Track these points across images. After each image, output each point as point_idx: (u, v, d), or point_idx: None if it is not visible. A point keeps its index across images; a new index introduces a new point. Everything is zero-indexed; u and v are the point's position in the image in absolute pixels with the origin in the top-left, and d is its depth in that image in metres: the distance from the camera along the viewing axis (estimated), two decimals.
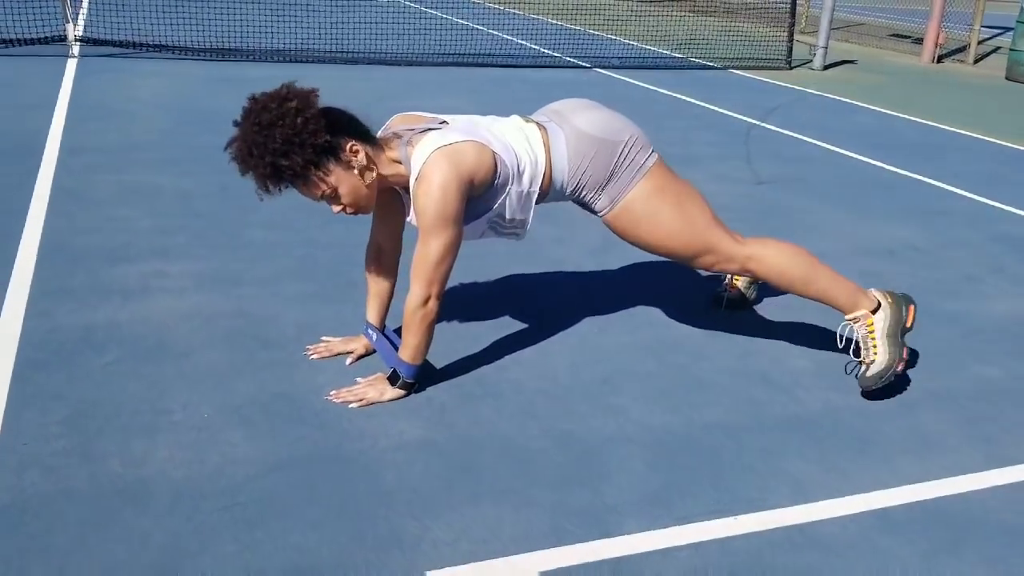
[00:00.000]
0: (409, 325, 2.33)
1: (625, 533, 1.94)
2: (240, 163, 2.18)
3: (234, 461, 2.10)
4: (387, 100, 6.52)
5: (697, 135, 6.06)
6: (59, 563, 1.74)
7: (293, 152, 2.14)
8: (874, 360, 2.51)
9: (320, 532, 1.88)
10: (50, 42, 7.79)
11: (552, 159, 2.41)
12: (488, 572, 1.79)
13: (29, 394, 2.33)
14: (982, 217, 4.54)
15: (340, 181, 2.24)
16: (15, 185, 4.01)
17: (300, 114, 2.14)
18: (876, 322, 2.53)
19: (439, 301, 2.32)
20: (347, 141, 2.23)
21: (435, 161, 2.22)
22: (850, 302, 2.55)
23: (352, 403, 2.34)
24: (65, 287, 2.99)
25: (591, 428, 2.35)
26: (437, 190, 2.21)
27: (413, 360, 2.37)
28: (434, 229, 2.23)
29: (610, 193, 2.45)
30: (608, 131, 2.44)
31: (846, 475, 2.21)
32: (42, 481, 1.98)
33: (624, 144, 2.44)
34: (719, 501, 2.07)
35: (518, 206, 2.42)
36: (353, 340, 2.66)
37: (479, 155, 2.27)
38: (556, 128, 2.44)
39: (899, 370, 2.50)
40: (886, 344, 2.51)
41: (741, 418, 2.45)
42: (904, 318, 2.56)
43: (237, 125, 2.19)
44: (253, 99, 2.19)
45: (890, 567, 1.88)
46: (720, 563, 1.86)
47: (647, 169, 2.46)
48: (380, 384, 2.40)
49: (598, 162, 2.42)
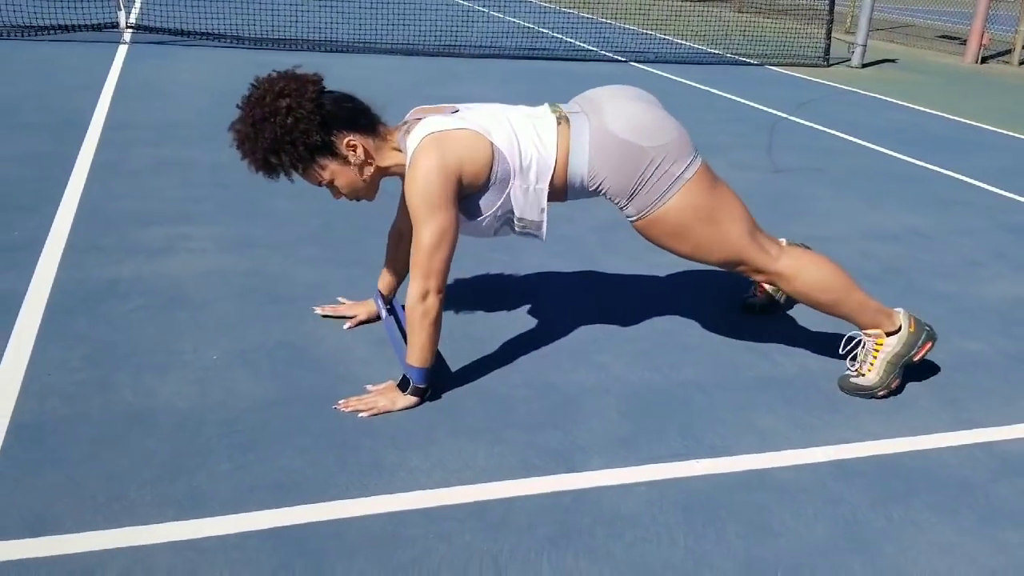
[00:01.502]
0: (412, 324, 2.21)
1: (589, 470, 2.07)
2: (237, 148, 2.20)
3: (235, 396, 2.28)
4: (423, 87, 6.71)
5: (723, 126, 6.15)
6: (71, 472, 1.92)
7: (282, 151, 2.15)
8: (864, 376, 2.49)
9: (307, 457, 2.04)
10: (103, 29, 8.12)
11: (570, 156, 2.27)
12: (457, 496, 1.94)
13: (56, 334, 2.53)
14: (996, 208, 4.57)
15: (336, 175, 2.24)
16: (59, 155, 4.26)
17: (291, 113, 2.12)
18: (886, 344, 2.47)
19: (440, 296, 2.20)
20: (344, 137, 2.21)
21: (424, 147, 2.17)
22: (871, 322, 2.47)
23: (362, 412, 2.22)
24: (96, 245, 3.20)
25: (571, 381, 2.48)
26: (421, 175, 2.14)
27: (421, 363, 2.23)
28: (423, 215, 2.15)
29: (638, 204, 2.30)
30: (640, 134, 2.25)
31: (811, 429, 2.32)
32: (61, 406, 2.18)
33: (656, 151, 2.25)
34: (684, 447, 2.20)
35: (525, 203, 2.29)
36: (361, 304, 2.73)
37: (472, 142, 2.19)
38: (583, 121, 2.28)
39: (879, 395, 2.48)
40: (883, 368, 2.46)
41: (718, 377, 2.57)
42: (915, 351, 2.47)
43: (239, 108, 2.19)
44: (254, 85, 2.19)
45: (839, 509, 1.99)
46: (675, 498, 1.99)
47: (684, 181, 2.28)
48: (391, 392, 2.27)
49: (622, 168, 2.26)
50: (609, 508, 1.94)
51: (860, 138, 6.08)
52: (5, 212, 3.46)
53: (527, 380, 2.47)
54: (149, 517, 1.80)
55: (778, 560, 1.81)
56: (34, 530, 1.74)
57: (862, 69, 9.74)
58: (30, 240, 3.19)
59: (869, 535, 1.92)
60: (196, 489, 1.90)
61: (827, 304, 2.44)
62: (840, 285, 2.43)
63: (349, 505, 1.88)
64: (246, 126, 2.16)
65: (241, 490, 1.91)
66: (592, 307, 2.99)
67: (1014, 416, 2.46)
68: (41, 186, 3.79)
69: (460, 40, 9.30)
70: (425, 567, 1.72)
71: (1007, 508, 2.05)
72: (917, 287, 3.37)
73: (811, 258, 2.46)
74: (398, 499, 1.92)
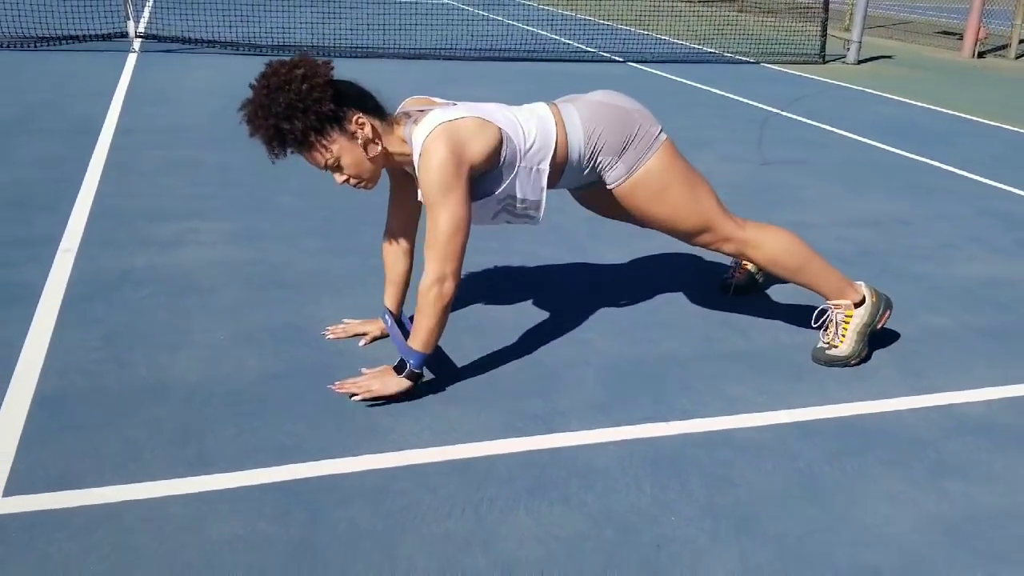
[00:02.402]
0: (422, 307, 2.26)
1: (567, 431, 2.24)
2: (248, 123, 2.24)
3: (241, 371, 2.46)
4: (424, 90, 6.89)
5: (714, 121, 6.31)
6: (91, 437, 2.11)
7: (296, 117, 2.19)
8: (837, 347, 2.66)
9: (308, 423, 2.22)
10: (113, 38, 8.35)
11: (567, 131, 2.43)
12: (444, 455, 2.11)
13: (74, 318, 2.72)
14: (977, 195, 4.72)
15: (343, 151, 2.28)
16: (74, 158, 4.46)
17: (306, 80, 2.19)
18: (855, 315, 2.65)
19: (455, 281, 2.26)
20: (354, 113, 2.27)
21: (437, 136, 2.23)
22: (836, 290, 2.66)
23: (356, 396, 2.29)
24: (110, 239, 3.39)
25: (555, 355, 2.65)
26: (438, 163, 2.21)
27: (424, 347, 2.29)
28: (440, 202, 2.22)
29: (627, 162, 2.46)
30: (620, 101, 2.50)
31: (777, 395, 2.49)
32: (80, 381, 2.36)
33: (637, 114, 2.48)
34: (656, 411, 2.37)
35: (528, 184, 2.41)
36: (371, 323, 2.71)
37: (482, 129, 2.29)
38: (568, 105, 2.49)
39: (852, 363, 2.65)
40: (855, 338, 2.65)
41: (692, 351, 2.73)
42: (877, 320, 2.68)
43: (252, 86, 2.27)
44: (268, 64, 2.27)
45: (796, 464, 2.16)
46: (645, 455, 2.16)
47: (660, 143, 2.49)
48: (385, 375, 2.33)
49: (614, 127, 2.44)
50: (583, 463, 2.11)
51: (848, 131, 6.23)
52: (24, 211, 3.65)
53: (514, 354, 2.64)
54: (161, 474, 1.98)
55: (736, 507, 1.98)
56: (59, 485, 1.92)
57: (857, 65, 9.88)
58: (49, 235, 3.38)
59: (823, 486, 2.08)
60: (204, 451, 2.08)
61: (792, 270, 2.62)
62: (801, 250, 2.63)
63: (344, 463, 2.06)
64: (260, 95, 2.21)
65: (245, 451, 2.09)
66: (578, 289, 3.16)
67: (973, 382, 2.62)
68: (58, 187, 3.99)
69: (460, 44, 9.50)
70: (412, 514, 1.89)
71: (955, 462, 2.20)
72: (891, 268, 3.53)
73: (773, 227, 2.66)
74: (389, 457, 2.09)
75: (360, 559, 1.75)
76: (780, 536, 1.89)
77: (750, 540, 1.87)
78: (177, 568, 1.70)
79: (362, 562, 1.74)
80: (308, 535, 1.81)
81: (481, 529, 1.86)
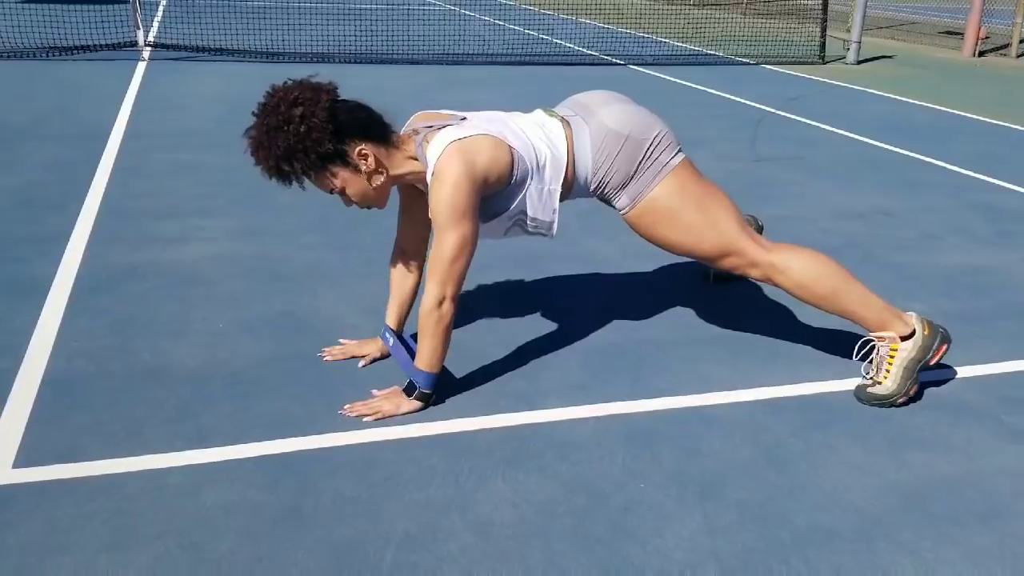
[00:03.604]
0: (424, 328, 2.26)
1: (545, 408, 2.36)
2: (251, 156, 2.23)
3: (239, 356, 2.59)
4: (426, 93, 7.04)
5: (711, 121, 6.42)
6: (95, 416, 2.24)
7: (295, 159, 2.18)
8: (880, 384, 2.44)
9: (299, 402, 2.35)
10: (123, 48, 8.53)
11: (575, 155, 2.38)
12: (428, 430, 2.23)
13: (82, 309, 2.85)
14: (966, 189, 4.81)
15: (347, 183, 2.26)
16: (83, 162, 4.61)
17: (304, 122, 2.15)
18: (901, 350, 2.41)
19: (454, 303, 2.25)
20: (355, 146, 2.23)
21: (449, 155, 2.20)
22: (879, 321, 2.43)
23: (367, 417, 2.27)
24: (117, 236, 3.53)
25: (541, 340, 2.77)
26: (450, 184, 2.18)
27: (430, 368, 2.28)
28: (447, 224, 2.19)
29: (631, 192, 2.40)
30: (635, 128, 2.38)
31: (750, 375, 2.59)
32: (87, 365, 2.50)
33: (650, 142, 2.38)
34: (633, 390, 2.48)
35: (539, 204, 2.37)
36: (369, 343, 2.64)
37: (495, 149, 2.25)
38: (581, 122, 2.39)
39: (899, 403, 2.43)
40: (900, 374, 2.41)
41: (673, 336, 2.84)
42: (931, 354, 2.43)
43: (255, 116, 2.23)
44: (270, 92, 2.22)
45: (763, 436, 2.27)
46: (619, 430, 2.27)
47: (671, 168, 2.39)
48: (396, 397, 2.32)
49: (623, 159, 2.37)
50: (559, 437, 2.22)
51: (842, 129, 6.33)
52: (36, 210, 3.80)
53: (501, 339, 2.76)
54: (161, 448, 2.11)
55: (702, 475, 2.09)
56: (65, 458, 2.05)
57: (857, 65, 9.97)
58: (59, 233, 3.53)
59: (787, 456, 2.19)
60: (202, 427, 2.21)
61: (826, 296, 2.41)
62: (836, 274, 2.42)
63: (333, 437, 2.18)
64: (260, 133, 2.18)
65: (241, 427, 2.21)
66: (567, 279, 3.27)
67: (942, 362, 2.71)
68: (67, 188, 4.14)
69: (461, 48, 9.64)
70: (395, 482, 2.01)
71: (917, 435, 2.31)
72: (872, 257, 3.63)
73: (804, 250, 2.48)
74: (376, 432, 2.21)
75: (345, 522, 1.87)
76: (742, 501, 2.00)
77: (714, 504, 1.98)
78: (173, 530, 1.82)
79: (346, 525, 1.86)
80: (297, 501, 1.93)
81: (460, 495, 1.98)
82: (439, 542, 1.82)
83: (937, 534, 1.91)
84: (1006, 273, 3.51)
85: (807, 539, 1.87)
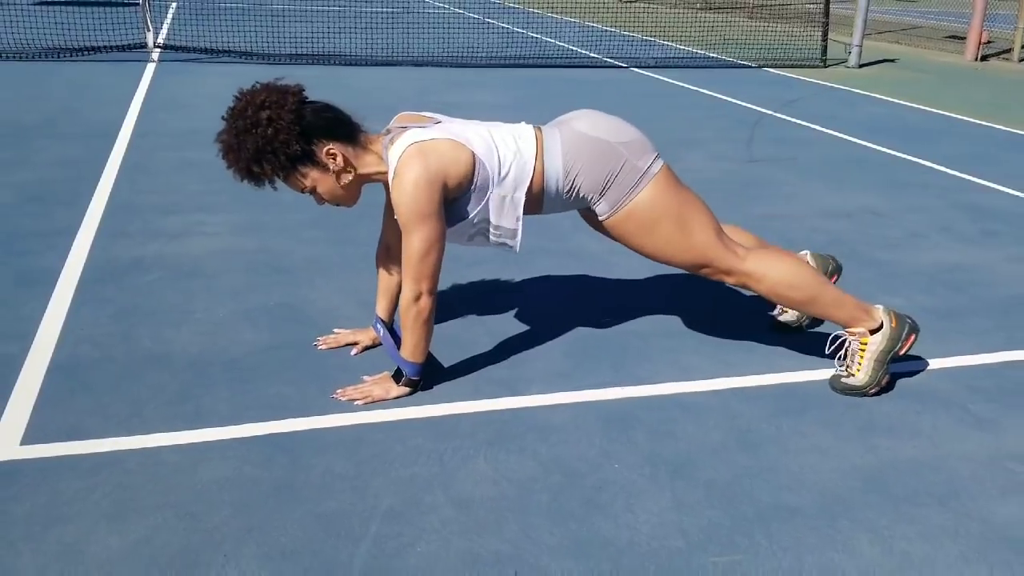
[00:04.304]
0: (405, 324, 2.35)
1: (527, 394, 2.46)
2: (223, 159, 2.30)
3: (238, 344, 2.70)
4: (429, 94, 7.16)
5: (708, 122, 6.52)
6: (98, 398, 2.35)
7: (264, 160, 2.24)
8: (853, 376, 2.53)
9: (294, 386, 2.46)
10: (132, 49, 8.67)
11: (545, 161, 2.38)
12: (415, 413, 2.34)
13: (87, 298, 2.97)
14: (953, 189, 4.90)
15: (317, 182, 2.33)
16: (91, 159, 4.74)
17: (272, 124, 2.21)
18: (871, 343, 2.50)
19: (431, 297, 2.32)
20: (323, 146, 2.29)
21: (409, 156, 2.24)
22: (850, 318, 2.51)
23: (358, 400, 2.37)
24: (123, 230, 3.65)
25: (526, 331, 2.88)
26: (409, 184, 2.22)
27: (414, 358, 2.38)
28: (412, 224, 2.25)
29: (610, 199, 2.41)
30: (606, 132, 2.40)
31: (728, 365, 2.69)
32: (91, 351, 2.61)
33: (624, 146, 2.39)
34: (614, 378, 2.58)
35: (501, 211, 2.38)
36: (361, 332, 2.74)
37: (454, 152, 2.28)
38: (553, 131, 2.42)
39: (871, 393, 2.52)
40: (871, 365, 2.50)
41: (656, 328, 2.94)
42: (900, 345, 2.51)
43: (224, 120, 2.29)
44: (237, 97, 2.28)
45: (736, 422, 2.37)
46: (596, 414, 2.37)
47: (651, 176, 2.40)
48: (385, 382, 2.42)
49: (595, 163, 2.37)
50: (540, 421, 2.33)
51: (836, 130, 6.42)
52: (45, 205, 3.93)
53: (488, 330, 2.87)
54: (160, 428, 2.22)
55: (675, 456, 2.19)
56: (69, 436, 2.16)
57: (858, 69, 10.06)
58: (67, 227, 3.65)
59: (758, 440, 2.29)
60: (200, 409, 2.32)
61: (802, 301, 2.49)
62: (810, 279, 2.48)
63: (325, 419, 2.29)
64: (230, 137, 2.25)
65: (237, 410, 2.32)
66: (556, 275, 3.38)
67: (916, 354, 2.81)
68: (76, 184, 4.27)
69: (465, 51, 9.76)
70: (382, 460, 2.12)
71: (886, 423, 2.40)
72: (856, 255, 3.72)
73: (777, 255, 2.52)
74: (366, 415, 2.32)
75: (333, 496, 1.98)
76: (711, 480, 2.10)
77: (684, 483, 2.08)
78: (170, 502, 1.93)
79: (335, 499, 1.97)
80: (288, 477, 2.04)
81: (443, 473, 2.08)
82: (422, 515, 1.93)
83: (896, 513, 2.01)
84: (986, 271, 3.60)
85: (771, 515, 1.97)
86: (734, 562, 1.82)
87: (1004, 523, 1.99)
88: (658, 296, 3.21)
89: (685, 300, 3.18)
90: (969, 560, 1.86)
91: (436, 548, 1.82)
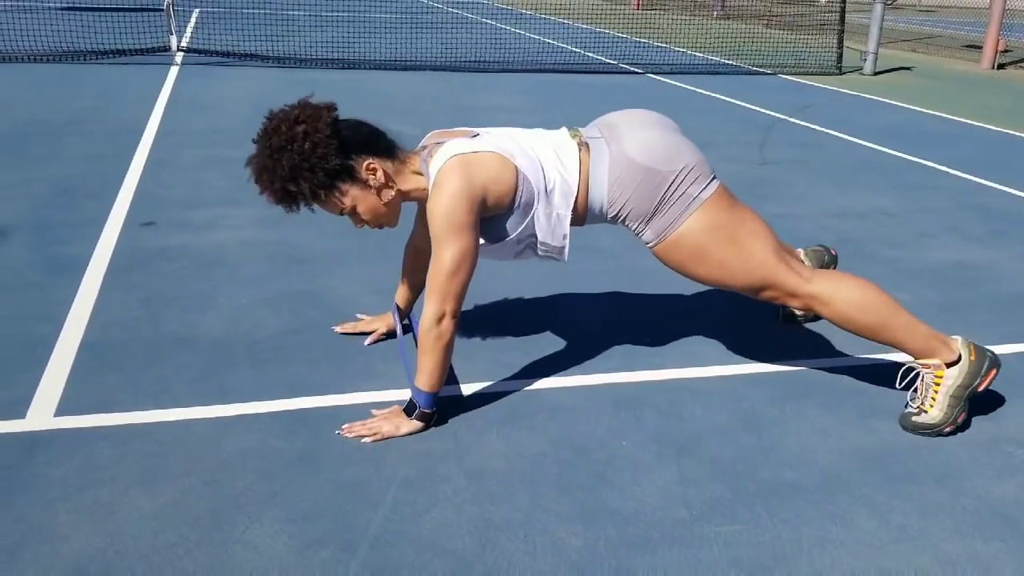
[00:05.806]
0: (423, 347, 2.17)
1: (541, 377, 2.55)
2: (256, 183, 2.20)
3: (260, 327, 2.80)
4: (448, 97, 7.27)
5: (722, 126, 6.60)
6: (128, 375, 2.46)
7: (302, 178, 2.13)
8: (926, 412, 2.33)
9: (313, 367, 2.55)
10: (156, 52, 8.85)
11: (590, 182, 2.27)
12: None
13: (116, 285, 3.08)
14: (964, 191, 4.96)
15: (357, 200, 2.22)
16: (117, 156, 4.87)
17: (308, 138, 2.11)
18: (947, 377, 2.30)
19: (454, 320, 2.16)
20: (363, 160, 2.19)
21: (450, 168, 2.14)
22: (924, 348, 2.32)
23: (366, 438, 2.18)
24: (149, 223, 3.77)
25: (540, 321, 2.96)
26: (447, 196, 2.11)
27: (430, 388, 2.19)
28: (445, 237, 2.12)
29: (655, 227, 2.28)
30: (659, 159, 2.24)
31: (737, 353, 2.77)
32: (120, 333, 2.72)
33: (675, 175, 2.24)
34: (624, 364, 2.66)
35: (548, 228, 2.29)
36: (380, 319, 2.73)
37: (499, 167, 2.18)
38: (603, 147, 2.28)
39: (946, 432, 2.32)
40: (946, 402, 2.30)
41: (668, 318, 3.03)
42: (979, 380, 2.30)
43: (255, 142, 2.20)
44: (269, 118, 2.18)
45: (741, 405, 2.44)
46: (608, 396, 2.45)
47: (701, 202, 2.25)
48: (396, 417, 2.22)
49: (642, 193, 2.24)
50: (551, 401, 2.41)
51: (850, 135, 6.48)
52: (75, 198, 4.05)
53: (500, 318, 2.96)
54: (188, 403, 2.32)
55: (681, 435, 2.27)
56: (100, 409, 2.27)
57: (874, 76, 10.10)
58: (95, 218, 3.77)
59: (761, 422, 2.36)
60: (224, 386, 2.42)
61: (871, 326, 2.31)
62: (882, 303, 2.30)
63: (344, 397, 2.39)
64: (264, 157, 2.14)
65: (260, 387, 2.42)
66: (569, 266, 3.47)
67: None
68: (104, 179, 4.39)
69: (484, 56, 9.88)
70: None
71: (887, 408, 2.47)
72: (864, 253, 3.79)
73: (844, 276, 2.36)
74: (383, 394, 2.41)
75: (351, 466, 2.07)
76: (715, 458, 2.18)
77: (688, 460, 2.16)
78: (197, 470, 2.03)
79: (353, 469, 2.06)
80: (309, 448, 2.14)
81: (457, 447, 2.17)
82: (436, 484, 2.01)
83: (893, 490, 2.08)
84: (993, 268, 3.66)
85: (772, 491, 2.05)
86: (735, 532, 1.90)
87: (999, 500, 2.05)
88: (668, 288, 3.28)
89: (695, 292, 3.25)
90: (963, 533, 1.93)
91: (450, 514, 1.91)
